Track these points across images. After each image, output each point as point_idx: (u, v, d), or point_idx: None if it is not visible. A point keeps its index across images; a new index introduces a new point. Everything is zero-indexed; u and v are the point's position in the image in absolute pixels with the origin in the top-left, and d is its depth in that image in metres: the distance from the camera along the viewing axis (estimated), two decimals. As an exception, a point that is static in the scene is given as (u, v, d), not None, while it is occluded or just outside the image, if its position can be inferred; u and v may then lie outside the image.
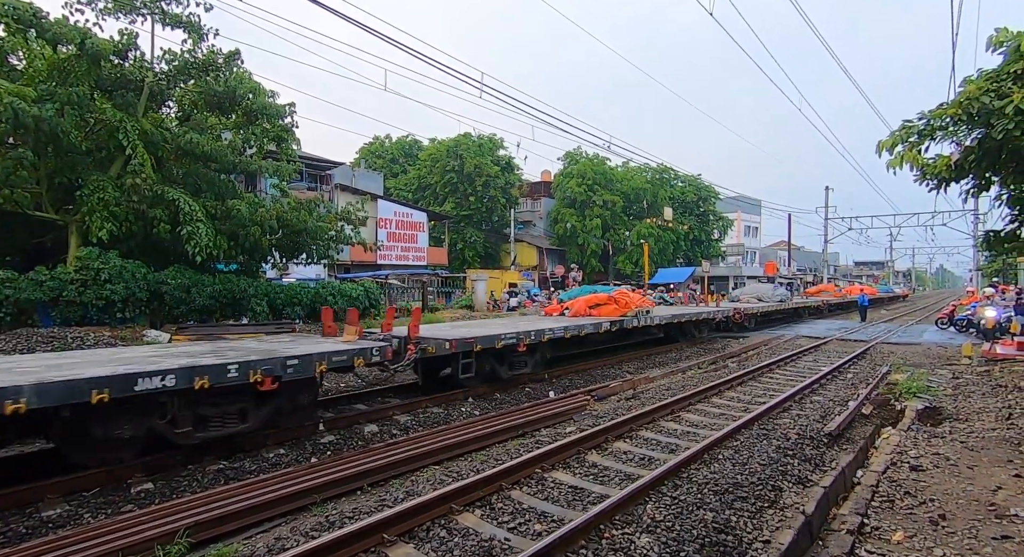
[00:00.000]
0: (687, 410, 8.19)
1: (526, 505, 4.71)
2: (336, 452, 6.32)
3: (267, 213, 13.25)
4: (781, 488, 5.20)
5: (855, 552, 3.67)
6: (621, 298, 12.90)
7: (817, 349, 15.60)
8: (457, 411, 8.28)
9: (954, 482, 4.82)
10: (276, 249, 14.87)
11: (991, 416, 7.02)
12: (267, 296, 14.59)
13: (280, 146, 14.80)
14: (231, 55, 13.53)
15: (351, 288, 17.41)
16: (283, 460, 5.99)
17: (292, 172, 14.90)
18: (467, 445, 6.38)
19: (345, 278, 21.64)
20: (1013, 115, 8.03)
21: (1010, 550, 3.60)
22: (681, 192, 43.47)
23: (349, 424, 7.25)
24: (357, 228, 16.17)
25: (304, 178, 25.37)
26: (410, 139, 44.63)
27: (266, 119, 14.16)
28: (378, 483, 5.34)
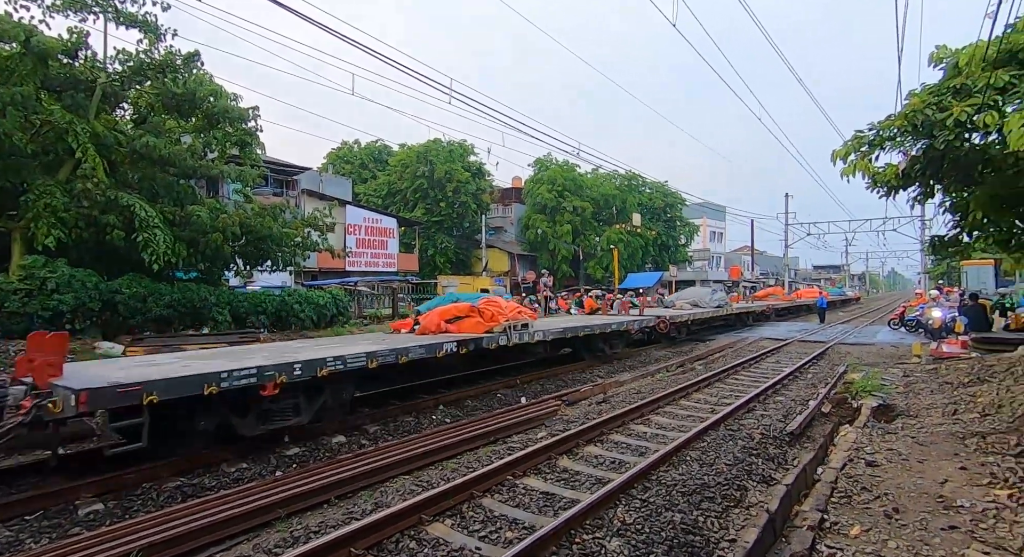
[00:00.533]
0: (656, 413, 8.32)
1: (497, 513, 4.68)
2: (302, 464, 6.14)
3: (229, 219, 12.85)
4: (746, 487, 5.32)
5: (816, 547, 3.78)
6: (487, 309, 10.09)
7: (779, 350, 16.12)
8: (428, 419, 8.18)
9: (906, 476, 5.04)
10: (239, 256, 14.43)
11: (939, 412, 7.39)
12: (230, 305, 14.12)
13: (243, 150, 14.40)
14: (190, 56, 13.12)
15: (318, 296, 17.04)
16: (246, 475, 5.77)
17: (256, 177, 14.51)
18: (438, 453, 6.30)
19: (312, 285, 21.15)
20: (953, 127, 8.53)
21: (956, 540, 3.78)
22: (649, 198, 44.40)
23: (316, 435, 7.06)
24: (324, 234, 15.87)
25: (269, 183, 24.72)
26: (379, 144, 44.14)
27: (228, 123, 13.76)
28: (346, 495, 5.21)
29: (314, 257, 21.28)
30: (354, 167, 42.64)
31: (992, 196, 9.78)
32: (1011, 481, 4.66)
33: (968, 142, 9.12)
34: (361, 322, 19.08)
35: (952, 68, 9.45)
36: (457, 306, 10.32)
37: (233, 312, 14.32)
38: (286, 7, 7.49)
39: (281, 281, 20.55)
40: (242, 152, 14.46)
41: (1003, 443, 5.58)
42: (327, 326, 16.85)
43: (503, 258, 39.61)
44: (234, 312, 14.35)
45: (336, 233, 25.48)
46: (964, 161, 9.34)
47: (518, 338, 10.01)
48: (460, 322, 9.88)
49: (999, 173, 9.24)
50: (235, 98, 13.75)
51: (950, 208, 11.64)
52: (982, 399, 7.49)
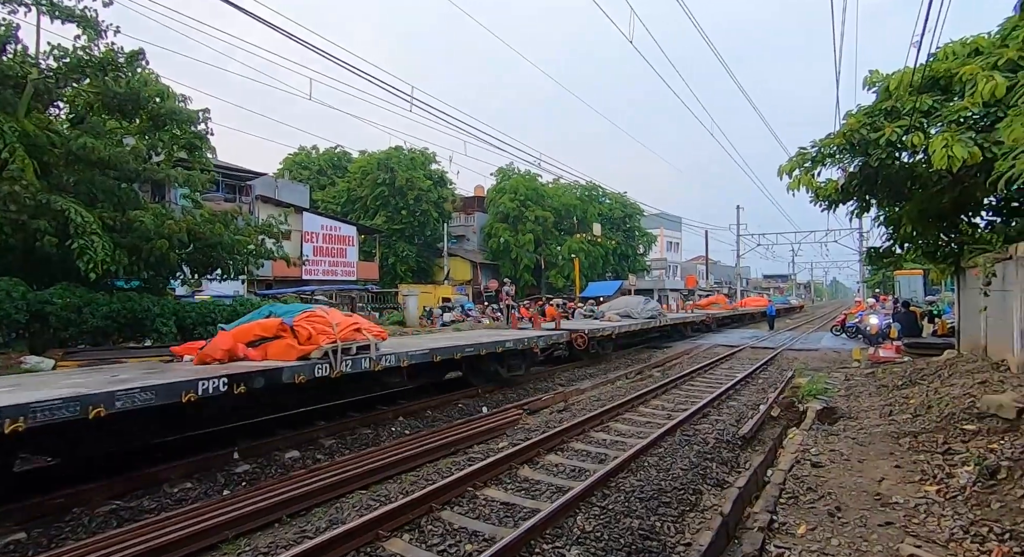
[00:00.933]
0: (615, 420, 8.44)
1: (457, 525, 4.61)
2: (252, 482, 5.86)
3: (176, 225, 12.24)
4: (701, 491, 5.46)
5: (765, 548, 3.92)
6: (304, 327, 7.07)
7: (732, 357, 16.73)
8: (387, 431, 7.99)
9: (847, 476, 5.31)
10: (186, 264, 13.75)
11: (876, 413, 7.84)
12: (175, 315, 13.41)
13: (192, 154, 13.79)
14: (134, 55, 12.49)
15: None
16: (190, 495, 5.45)
17: (206, 182, 13.90)
18: (397, 466, 6.16)
19: (267, 295, 20.39)
20: (885, 146, 9.19)
21: (892, 535, 4.00)
22: (609, 209, 45.41)
23: (268, 451, 6.76)
24: (280, 242, 15.35)
25: (221, 189, 23.78)
26: (339, 151, 43.28)
27: (176, 125, 13.15)
28: (299, 513, 5.01)
29: (269, 265, 20.55)
30: (312, 173, 41.62)
31: (920, 211, 10.58)
32: (939, 477, 4.98)
33: (898, 160, 9.84)
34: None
35: (884, 91, 10.20)
36: (262, 324, 7.27)
37: (179, 323, 13.59)
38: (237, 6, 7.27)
39: (233, 290, 19.71)
40: (191, 156, 13.84)
41: (932, 442, 5.97)
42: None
43: (465, 267, 39.47)
44: (180, 323, 13.63)
45: (292, 241, 24.75)
46: (895, 178, 10.07)
47: (349, 366, 7.16)
48: (267, 345, 7.10)
49: (925, 189, 10.00)
50: (184, 99, 13.18)
51: (884, 222, 12.51)
52: (913, 401, 8.00)
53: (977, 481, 4.53)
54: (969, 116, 8.62)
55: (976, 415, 6.29)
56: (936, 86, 9.40)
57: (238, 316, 15.07)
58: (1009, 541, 3.68)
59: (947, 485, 4.78)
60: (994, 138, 7.67)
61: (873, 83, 10.59)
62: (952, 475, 4.91)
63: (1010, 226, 9.92)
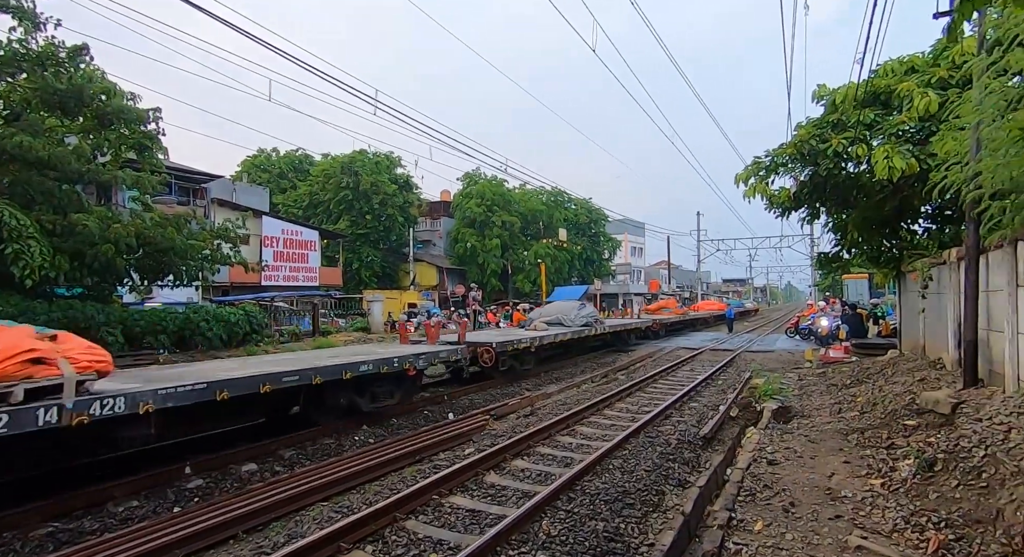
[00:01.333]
0: (581, 423, 8.52)
1: (422, 535, 4.53)
2: (206, 497, 5.60)
3: (124, 229, 11.61)
4: (664, 491, 5.57)
5: (725, 545, 4.03)
6: None
7: (694, 359, 17.19)
8: (350, 440, 7.80)
9: (801, 472, 5.53)
10: (135, 270, 13.06)
11: (827, 411, 8.21)
12: (122, 324, 12.73)
13: (142, 155, 13.14)
14: (77, 49, 11.83)
15: (230, 313, 15.85)
16: (137, 513, 5.17)
17: (157, 184, 13.25)
18: (360, 476, 6.02)
19: (223, 301, 19.60)
20: (832, 156, 9.70)
21: (841, 528, 4.20)
22: (574, 214, 46.01)
23: (223, 464, 6.48)
24: (237, 246, 14.79)
25: (174, 191, 22.75)
26: (300, 153, 42.21)
27: (124, 124, 12.50)
28: (256, 528, 4.82)
29: (225, 271, 19.79)
30: (272, 176, 40.41)
31: (864, 218, 11.18)
32: (883, 471, 5.26)
33: (845, 170, 10.39)
34: (278, 340, 17.95)
35: (831, 105, 10.76)
36: None
37: (127, 332, 12.91)
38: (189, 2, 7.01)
39: (186, 297, 18.85)
40: (140, 156, 13.18)
41: (877, 437, 6.30)
42: (239, 345, 15.66)
43: (432, 272, 39.12)
44: (128, 332, 12.94)
45: (251, 246, 23.92)
46: (842, 187, 10.62)
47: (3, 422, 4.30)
48: None
49: (869, 198, 10.59)
50: (133, 97, 12.55)
51: (832, 228, 13.16)
52: (860, 398, 8.42)
53: (916, 473, 4.81)
54: (907, 130, 9.20)
55: (916, 411, 6.68)
56: (877, 101, 10.01)
57: (192, 324, 14.51)
58: (945, 529, 3.91)
59: (890, 478, 5.04)
60: (929, 151, 8.22)
61: (821, 97, 11.17)
62: (895, 468, 5.19)
63: (944, 233, 10.61)
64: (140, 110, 12.71)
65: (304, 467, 6.50)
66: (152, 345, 13.57)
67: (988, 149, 5.74)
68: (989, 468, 4.19)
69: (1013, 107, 5.42)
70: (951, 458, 4.67)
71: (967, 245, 6.83)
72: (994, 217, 5.94)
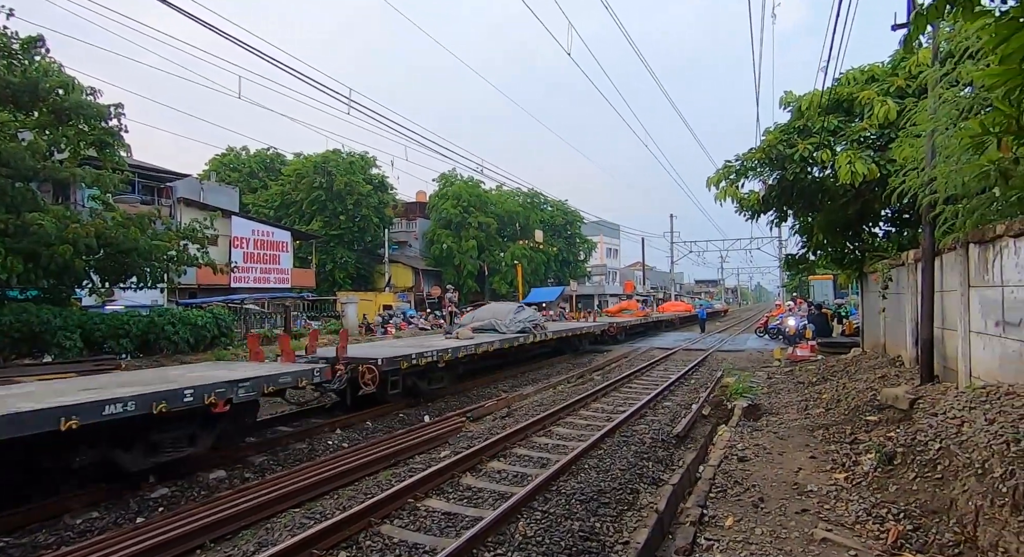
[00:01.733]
0: (557, 424, 8.56)
1: (397, 539, 4.49)
2: (171, 507, 5.42)
3: (82, 229, 11.15)
4: (638, 490, 5.65)
5: (697, 541, 4.11)
6: None
7: (668, 359, 17.48)
8: (323, 445, 7.66)
9: (769, 468, 5.69)
10: (95, 271, 12.56)
11: (794, 409, 8.46)
12: (81, 328, 12.22)
13: (102, 152, 12.65)
14: (31, 41, 11.33)
15: (197, 315, 15.37)
16: (96, 525, 4.96)
17: (119, 182, 12.78)
18: (333, 481, 5.92)
19: (190, 304, 19.01)
20: (799, 161, 10.01)
21: (807, 521, 4.33)
22: (551, 216, 46.26)
23: (190, 472, 6.28)
24: (205, 247, 14.38)
25: (137, 190, 21.97)
26: (271, 152, 41.25)
27: (83, 120, 12.02)
28: (225, 537, 4.69)
29: (192, 273, 19.18)
30: (242, 175, 39.37)
31: (829, 221, 11.57)
32: (847, 465, 5.45)
33: (810, 174, 10.74)
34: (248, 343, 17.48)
35: (797, 111, 11.12)
36: None
37: (86, 336, 12.40)
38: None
39: (151, 300, 18.21)
40: (101, 154, 12.69)
41: (841, 433, 6.52)
42: (207, 349, 15.21)
43: (407, 273, 38.75)
44: (87, 336, 12.43)
45: (220, 247, 23.25)
46: (808, 190, 10.98)
47: None
48: None
49: (833, 202, 10.97)
50: (93, 92, 12.08)
51: (799, 231, 13.59)
52: (826, 395, 8.71)
53: (877, 467, 4.99)
54: (868, 136, 9.58)
55: (877, 407, 6.94)
56: (841, 108, 10.39)
57: (156, 327, 14.02)
58: (903, 520, 4.08)
59: (853, 472, 5.23)
60: (888, 157, 8.57)
61: (788, 103, 11.53)
62: (858, 463, 5.38)
63: (903, 235, 11.07)
64: (100, 105, 12.24)
65: (276, 473, 6.36)
66: (113, 350, 13.07)
67: (942, 156, 6.03)
68: (943, 460, 4.38)
69: (964, 116, 5.70)
70: (909, 452, 4.87)
71: (923, 247, 7.15)
72: (948, 221, 6.23)
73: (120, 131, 12.70)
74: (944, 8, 3.11)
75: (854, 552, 3.74)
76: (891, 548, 3.75)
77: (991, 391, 5.00)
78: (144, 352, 13.87)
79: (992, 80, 3.67)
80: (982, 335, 5.82)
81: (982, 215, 5.67)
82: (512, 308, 15.54)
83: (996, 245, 5.38)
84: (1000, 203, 5.31)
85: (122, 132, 12.76)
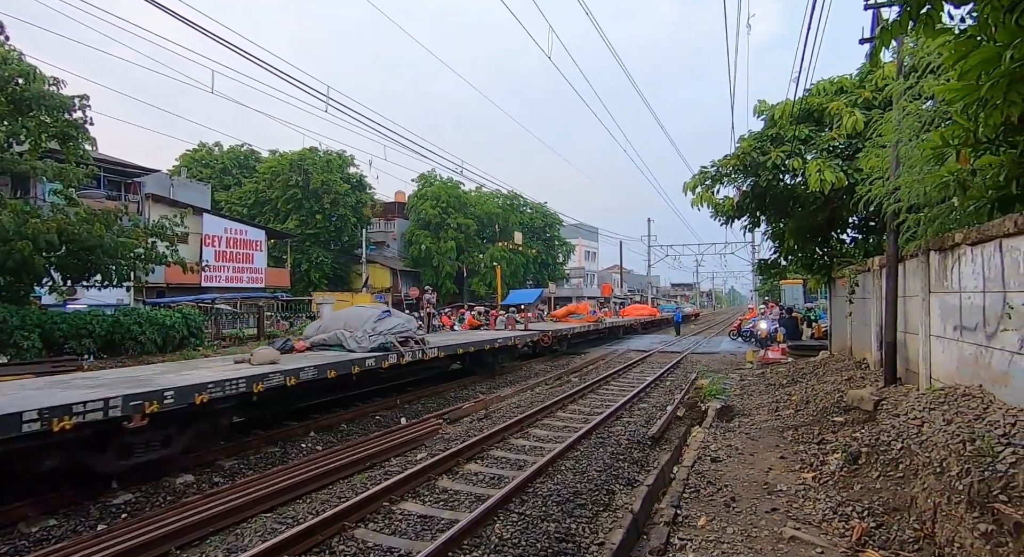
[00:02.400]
0: (535, 425, 8.58)
1: (371, 543, 4.43)
2: (135, 513, 5.24)
3: (43, 224, 10.71)
4: (614, 491, 5.70)
5: (670, 541, 4.17)
6: None
7: (644, 361, 17.70)
8: (296, 448, 7.51)
9: (741, 468, 5.81)
10: (56, 269, 12.07)
11: (765, 410, 8.67)
12: (40, 327, 11.73)
13: (66, 145, 12.17)
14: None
15: (165, 315, 14.92)
16: (53, 534, 4.76)
17: (83, 177, 12.32)
18: (307, 485, 5.81)
19: (158, 303, 18.43)
20: (772, 168, 10.28)
21: (776, 520, 4.44)
22: (530, 218, 46.41)
23: (155, 476, 6.08)
24: (174, 245, 13.96)
25: (103, 185, 21.23)
26: (246, 149, 40.35)
27: (44, 111, 11.55)
28: (192, 543, 4.55)
29: (161, 271, 18.62)
30: (214, 172, 38.42)
31: (799, 227, 11.91)
32: (815, 465, 5.61)
33: (782, 181, 11.03)
34: (219, 344, 17.05)
35: (770, 120, 11.41)
36: None
37: (46, 336, 11.90)
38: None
39: (116, 299, 17.58)
40: (64, 147, 12.20)
41: (810, 433, 6.71)
42: (176, 349, 14.76)
43: (385, 274, 38.35)
44: (47, 336, 11.93)
45: (191, 245, 22.63)
46: (780, 197, 11.27)
47: None
48: None
49: (804, 208, 11.29)
50: (56, 83, 11.62)
51: (771, 236, 13.94)
52: (795, 397, 8.95)
53: (843, 466, 5.16)
54: (837, 145, 9.89)
55: (844, 408, 7.17)
56: (811, 118, 10.72)
57: (122, 327, 13.55)
58: (867, 518, 4.22)
59: (821, 471, 5.38)
60: (856, 166, 8.87)
61: (761, 112, 11.84)
62: (825, 462, 5.55)
63: (869, 242, 11.46)
64: (64, 96, 11.78)
65: (247, 477, 6.21)
66: (75, 351, 12.57)
67: (906, 166, 6.27)
68: (905, 460, 4.55)
69: (926, 128, 5.95)
70: (873, 451, 5.04)
71: (888, 254, 7.42)
72: (910, 228, 6.48)
73: (85, 123, 12.24)
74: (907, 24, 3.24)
75: (820, 550, 3.85)
76: (855, 545, 3.87)
77: (949, 392, 5.22)
78: (108, 353, 13.39)
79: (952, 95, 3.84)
80: (941, 339, 6.07)
81: (942, 224, 5.91)
82: (372, 315, 10.41)
83: (955, 253, 5.62)
84: (959, 212, 5.55)
85: (87, 124, 12.30)
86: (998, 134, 4.53)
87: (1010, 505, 3.05)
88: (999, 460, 3.29)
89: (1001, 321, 4.61)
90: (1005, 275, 4.59)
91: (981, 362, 5.03)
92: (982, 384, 4.97)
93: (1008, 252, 4.54)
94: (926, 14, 3.23)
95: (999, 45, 3.29)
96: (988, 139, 4.66)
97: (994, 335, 4.77)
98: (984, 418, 4.06)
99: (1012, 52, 3.17)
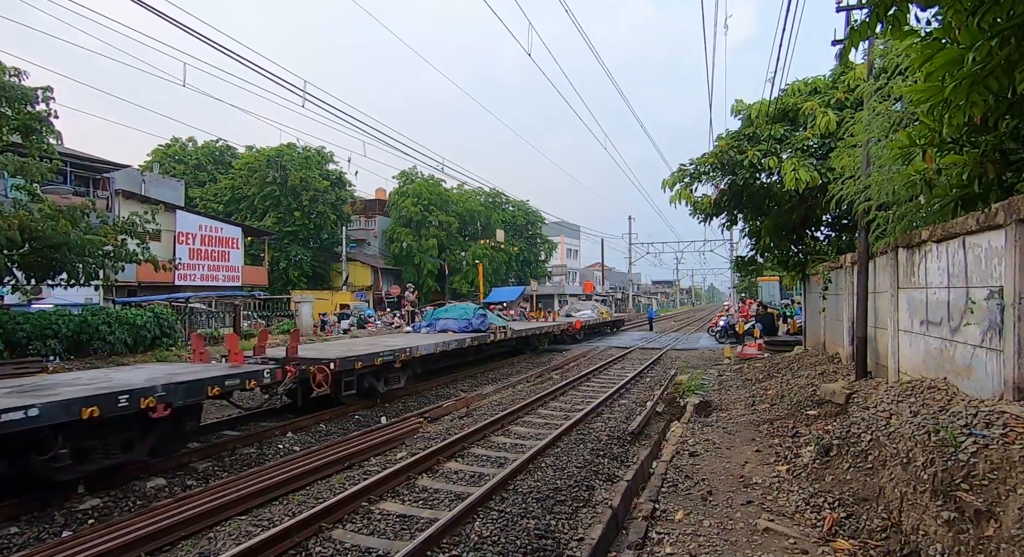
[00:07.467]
0: (516, 423, 8.59)
1: (349, 544, 4.37)
2: (102, 518, 5.08)
3: (4, 221, 10.29)
4: (593, 487, 5.74)
5: (648, 535, 4.21)
6: None
7: (624, 358, 17.87)
8: (273, 449, 7.38)
9: (718, 462, 5.91)
10: (19, 267, 11.61)
11: (742, 405, 8.82)
12: (2, 328, 11.29)
13: (28, 138, 11.70)
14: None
15: (136, 315, 14.51)
16: (15, 541, 4.59)
17: (48, 171, 11.84)
18: (284, 486, 5.72)
19: (129, 302, 17.90)
20: (748, 167, 10.44)
21: (752, 512, 4.52)
22: (512, 216, 46.39)
23: (125, 480, 5.91)
24: (146, 243, 13.53)
25: (70, 181, 20.50)
26: (221, 145, 39.40)
27: (5, 103, 11.09)
28: (163, 548, 4.44)
29: (132, 270, 18.06)
30: (188, 168, 37.43)
31: (775, 225, 12.13)
32: (789, 457, 5.73)
33: (759, 180, 11.22)
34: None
35: (747, 119, 11.59)
36: None
37: (7, 337, 11.47)
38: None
39: (84, 298, 17.02)
40: (27, 140, 11.73)
41: (784, 427, 6.85)
42: (147, 350, 14.36)
43: (366, 272, 37.92)
44: (9, 337, 11.51)
45: (164, 242, 22.02)
46: (757, 195, 11.47)
47: None
48: None
49: (780, 206, 11.51)
50: (18, 74, 11.16)
51: (748, 234, 14.18)
52: (771, 391, 9.13)
53: (816, 459, 5.28)
54: (811, 145, 10.10)
55: (817, 402, 7.34)
56: (787, 117, 10.91)
57: (89, 327, 13.12)
58: (838, 508, 4.33)
59: (795, 464, 5.50)
60: (829, 165, 9.07)
61: (739, 111, 12.02)
62: (798, 455, 5.67)
63: (842, 240, 11.74)
64: (27, 88, 11.32)
65: (221, 479, 6.07)
66: (40, 352, 12.14)
67: (876, 165, 6.43)
68: (874, 451, 4.68)
69: (895, 129, 6.10)
70: (844, 444, 5.17)
71: (859, 251, 7.61)
72: (880, 226, 6.65)
73: (49, 116, 11.78)
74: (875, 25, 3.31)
75: (793, 540, 3.94)
76: (826, 535, 3.97)
77: (916, 385, 5.38)
78: (76, 354, 12.97)
79: (918, 96, 3.94)
80: (909, 333, 6.25)
81: (910, 221, 6.09)
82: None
83: (921, 249, 5.79)
84: (926, 210, 5.72)
85: (51, 117, 11.83)
86: (962, 134, 4.67)
87: (971, 493, 3.16)
88: (961, 450, 3.40)
89: (964, 316, 4.77)
90: (968, 271, 4.74)
91: (946, 355, 5.20)
92: (947, 377, 5.14)
93: (971, 249, 4.69)
94: (893, 15, 3.31)
95: (962, 47, 3.39)
96: (952, 139, 4.80)
97: (957, 329, 4.93)
98: (948, 410, 4.19)
99: (974, 54, 3.27)
